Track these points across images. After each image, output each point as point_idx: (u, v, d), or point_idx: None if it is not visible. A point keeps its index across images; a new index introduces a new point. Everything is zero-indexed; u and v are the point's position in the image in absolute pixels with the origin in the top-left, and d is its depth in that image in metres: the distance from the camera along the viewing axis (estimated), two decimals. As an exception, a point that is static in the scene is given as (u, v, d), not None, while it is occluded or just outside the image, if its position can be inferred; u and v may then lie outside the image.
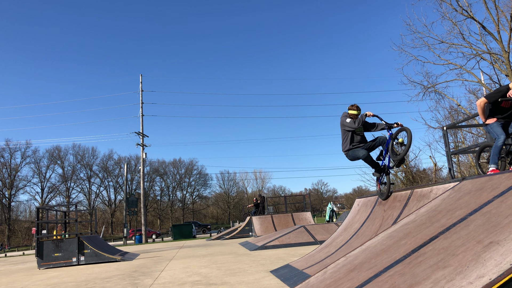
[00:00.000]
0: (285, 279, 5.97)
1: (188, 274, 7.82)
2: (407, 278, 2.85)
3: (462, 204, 3.90)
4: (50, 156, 68.16)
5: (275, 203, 43.86)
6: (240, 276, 6.86)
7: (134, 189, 68.93)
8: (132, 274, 8.77)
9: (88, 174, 70.99)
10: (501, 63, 18.35)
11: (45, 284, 8.26)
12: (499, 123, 5.44)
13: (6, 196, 62.45)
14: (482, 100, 5.52)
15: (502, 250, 2.49)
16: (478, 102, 5.56)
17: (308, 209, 24.86)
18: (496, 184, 3.84)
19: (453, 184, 4.95)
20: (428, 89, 21.17)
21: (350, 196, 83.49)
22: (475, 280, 2.32)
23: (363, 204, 7.87)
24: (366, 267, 3.65)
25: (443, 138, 8.24)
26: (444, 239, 3.24)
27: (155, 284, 6.80)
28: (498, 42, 18.18)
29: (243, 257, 10.63)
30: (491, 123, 5.47)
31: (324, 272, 4.29)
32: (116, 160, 73.46)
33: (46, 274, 10.71)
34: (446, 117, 25.24)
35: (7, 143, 63.71)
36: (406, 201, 6.04)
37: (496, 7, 17.94)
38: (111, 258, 12.90)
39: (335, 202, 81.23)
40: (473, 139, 23.42)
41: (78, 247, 12.76)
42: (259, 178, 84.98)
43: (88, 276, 9.06)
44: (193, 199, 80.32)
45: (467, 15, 18.49)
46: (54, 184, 68.29)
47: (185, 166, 79.97)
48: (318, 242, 12.15)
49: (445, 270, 2.65)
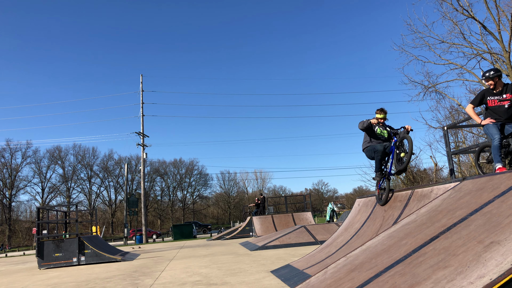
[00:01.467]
0: (286, 279, 5.97)
1: (188, 274, 7.82)
2: (408, 278, 2.85)
3: (462, 204, 3.89)
4: (51, 156, 68.25)
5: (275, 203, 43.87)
6: (240, 276, 6.86)
7: (134, 189, 68.96)
8: (133, 274, 8.78)
9: (88, 174, 71.07)
10: (502, 63, 18.34)
11: (46, 284, 8.26)
12: (496, 124, 5.51)
13: (6, 196, 62.49)
14: (468, 105, 5.88)
15: (503, 250, 2.48)
16: (466, 108, 5.95)
17: (308, 209, 24.85)
18: (496, 184, 3.83)
19: (454, 184, 4.95)
20: (428, 89, 21.17)
21: (350, 196, 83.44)
22: (475, 280, 2.32)
23: (364, 204, 7.86)
24: (366, 267, 3.64)
25: (444, 138, 8.23)
26: (444, 239, 3.24)
27: (155, 284, 6.80)
28: (499, 42, 18.17)
29: (243, 257, 10.63)
30: (486, 124, 5.57)
31: (324, 272, 4.29)
32: (117, 160, 73.54)
33: (46, 274, 10.71)
34: (447, 117, 25.26)
35: (7, 143, 63.82)
36: (407, 201, 6.04)
37: (497, 7, 17.93)
38: (111, 258, 12.90)
39: (335, 202, 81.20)
40: (473, 139, 23.43)
41: (78, 247, 12.77)
42: (260, 178, 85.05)
43: (88, 276, 9.07)
44: (193, 199, 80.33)
45: (468, 15, 18.48)
46: (55, 184, 68.38)
47: (186, 166, 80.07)
48: (319, 242, 12.15)
49: (445, 270, 2.65)
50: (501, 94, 5.54)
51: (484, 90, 5.71)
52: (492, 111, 5.62)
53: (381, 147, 6.52)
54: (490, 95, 5.62)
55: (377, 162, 6.64)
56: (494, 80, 5.54)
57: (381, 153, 6.50)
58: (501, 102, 5.53)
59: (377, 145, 6.57)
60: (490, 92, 5.63)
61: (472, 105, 5.79)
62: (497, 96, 5.56)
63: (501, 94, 5.54)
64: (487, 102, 5.64)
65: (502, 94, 5.53)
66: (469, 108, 5.82)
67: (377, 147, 6.56)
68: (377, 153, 6.54)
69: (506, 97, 5.49)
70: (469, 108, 5.81)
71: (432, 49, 20.13)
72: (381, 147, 6.52)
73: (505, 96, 5.49)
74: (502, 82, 5.58)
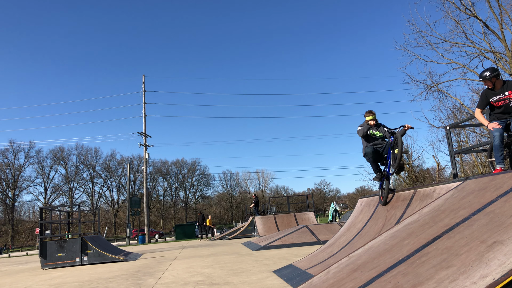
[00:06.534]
0: (288, 279, 5.96)
1: (191, 274, 7.83)
2: (410, 278, 2.84)
3: (465, 204, 3.88)
4: (54, 157, 68.51)
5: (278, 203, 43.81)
6: (243, 276, 6.87)
7: (137, 189, 69.14)
8: (135, 274, 8.79)
9: (91, 175, 71.26)
10: (504, 62, 18.28)
11: (49, 284, 8.29)
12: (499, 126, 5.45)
13: (9, 197, 62.74)
14: (476, 110, 5.80)
15: (506, 250, 2.48)
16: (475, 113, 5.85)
17: (311, 209, 24.84)
18: (499, 184, 3.82)
19: (456, 184, 4.93)
20: (431, 88, 21.12)
21: (353, 196, 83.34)
22: (478, 280, 2.31)
23: (366, 204, 7.85)
24: (369, 267, 3.64)
25: (446, 137, 8.21)
26: (447, 239, 3.23)
27: (158, 284, 6.81)
28: (502, 41, 18.11)
29: (246, 257, 10.64)
30: (491, 128, 5.51)
31: (327, 272, 4.29)
32: (119, 160, 73.70)
33: (49, 274, 10.75)
34: (449, 117, 25.17)
35: (10, 144, 64.11)
36: (409, 201, 6.03)
37: (499, 6, 17.87)
38: (114, 258, 12.92)
39: (338, 202, 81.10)
40: (476, 139, 23.33)
41: (81, 247, 12.80)
42: (262, 178, 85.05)
43: (91, 276, 9.09)
44: (195, 199, 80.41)
45: (470, 14, 18.42)
46: (58, 185, 68.65)
47: (188, 166, 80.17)
48: (321, 242, 12.14)
49: (448, 270, 2.64)
50: (502, 92, 5.47)
51: (485, 91, 5.64)
52: (499, 112, 5.55)
53: (370, 149, 6.58)
54: (492, 96, 5.55)
55: (371, 164, 6.76)
56: (492, 80, 5.48)
57: (372, 155, 6.57)
58: (505, 101, 5.47)
59: (367, 148, 6.66)
60: (491, 93, 5.56)
61: (479, 109, 5.74)
62: (499, 95, 5.51)
63: (502, 93, 5.48)
64: (492, 104, 5.57)
65: (503, 92, 5.46)
66: (477, 113, 5.76)
67: (366, 150, 6.64)
68: (367, 156, 6.63)
69: (508, 95, 5.42)
70: (478, 113, 5.76)
71: (434, 48, 20.09)
72: (370, 149, 6.57)
73: (507, 94, 5.43)
74: (501, 80, 5.51)
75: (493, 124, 5.44)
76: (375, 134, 6.81)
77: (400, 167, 6.24)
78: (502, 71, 18.53)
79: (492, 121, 5.57)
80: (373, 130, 6.81)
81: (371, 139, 6.82)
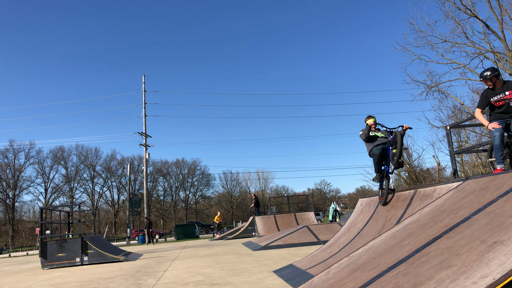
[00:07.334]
0: (288, 279, 5.96)
1: (191, 274, 7.83)
2: (411, 278, 2.84)
3: (465, 204, 3.88)
4: (54, 157, 68.52)
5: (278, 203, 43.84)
6: (243, 276, 6.87)
7: (137, 189, 69.10)
8: (136, 274, 8.79)
9: (91, 175, 71.28)
10: (505, 62, 18.28)
11: (49, 284, 8.29)
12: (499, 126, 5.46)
13: (10, 197, 62.76)
14: (476, 110, 5.81)
15: (506, 250, 2.48)
16: (475, 113, 5.86)
17: (311, 209, 24.84)
18: (500, 184, 3.82)
19: (457, 184, 4.93)
20: (431, 88, 21.13)
21: (353, 196, 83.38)
22: (479, 280, 2.31)
23: (366, 204, 7.86)
24: (369, 267, 3.64)
25: (447, 137, 8.22)
26: (447, 239, 3.23)
27: (158, 284, 6.81)
28: (502, 41, 18.11)
29: (246, 257, 10.64)
30: (491, 128, 5.51)
31: (327, 272, 4.29)
32: (119, 160, 73.69)
33: (49, 274, 10.75)
34: (450, 117, 25.18)
35: (11, 144, 64.12)
36: (410, 201, 6.03)
37: (499, 6, 17.87)
38: (114, 258, 12.93)
39: (338, 202, 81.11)
40: (476, 139, 23.33)
41: (81, 247, 12.80)
42: (262, 178, 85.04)
43: (91, 276, 9.09)
44: (196, 199, 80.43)
45: (471, 14, 18.42)
46: (58, 185, 68.67)
47: (188, 166, 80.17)
48: (321, 242, 12.14)
49: (448, 270, 2.64)
50: (503, 92, 5.48)
51: (486, 91, 5.64)
52: (499, 112, 5.55)
53: (378, 150, 6.76)
54: (492, 96, 5.55)
55: (375, 165, 6.93)
56: (492, 80, 5.48)
57: (378, 156, 6.75)
58: (505, 101, 5.47)
59: (374, 149, 6.84)
60: (492, 93, 5.56)
61: (479, 109, 5.75)
62: (499, 95, 5.51)
63: (502, 92, 5.48)
64: (492, 103, 5.58)
65: (504, 92, 5.47)
66: (477, 113, 5.77)
67: (374, 151, 6.82)
68: (374, 156, 6.80)
69: (509, 94, 5.42)
70: (478, 113, 5.77)
71: (434, 48, 20.11)
72: (378, 150, 6.76)
73: (508, 93, 5.43)
74: (501, 80, 5.51)
75: (493, 124, 5.43)
76: (377, 135, 6.98)
77: (399, 163, 6.33)
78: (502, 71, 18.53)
79: (492, 121, 5.56)
80: (375, 132, 6.98)
81: (374, 140, 6.95)
